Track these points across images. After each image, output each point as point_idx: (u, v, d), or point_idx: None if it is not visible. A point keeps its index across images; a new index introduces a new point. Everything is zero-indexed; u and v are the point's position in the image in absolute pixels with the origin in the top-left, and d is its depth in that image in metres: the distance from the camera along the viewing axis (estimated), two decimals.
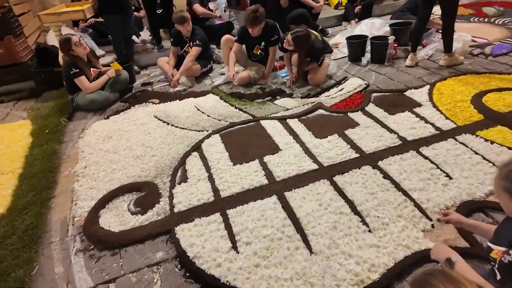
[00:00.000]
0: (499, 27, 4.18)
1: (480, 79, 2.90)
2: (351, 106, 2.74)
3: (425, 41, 3.69)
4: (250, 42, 3.33)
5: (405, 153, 2.11)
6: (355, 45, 3.56)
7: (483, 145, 2.11)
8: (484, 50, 3.44)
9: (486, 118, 2.38)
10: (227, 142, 2.45)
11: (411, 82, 3.04)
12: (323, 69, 3.26)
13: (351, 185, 1.92)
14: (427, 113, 2.50)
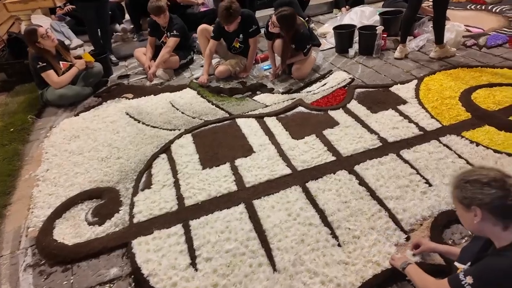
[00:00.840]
0: (496, 15, 3.97)
1: (471, 73, 2.74)
2: (332, 103, 2.58)
3: (417, 31, 3.50)
4: (227, 36, 3.13)
5: (385, 156, 1.98)
6: (343, 35, 3.37)
7: (468, 147, 1.98)
8: (478, 41, 3.25)
9: (474, 117, 2.23)
10: (199, 142, 2.31)
11: (398, 76, 2.87)
12: (309, 62, 3.08)
13: (324, 192, 1.80)
14: (412, 111, 2.35)
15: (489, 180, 0.93)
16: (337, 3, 4.61)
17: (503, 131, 2.07)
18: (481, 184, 0.94)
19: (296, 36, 2.86)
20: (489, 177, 0.94)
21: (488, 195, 0.93)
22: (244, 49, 3.24)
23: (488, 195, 0.93)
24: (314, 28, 4.12)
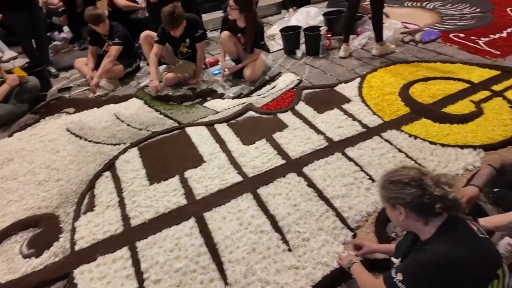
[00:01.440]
0: (430, 11, 4.25)
1: (409, 69, 2.91)
2: (281, 106, 2.61)
3: (360, 29, 3.64)
4: (173, 41, 3.04)
5: (331, 155, 2.03)
6: (289, 37, 3.42)
7: (407, 141, 2.09)
8: (414, 37, 3.46)
9: (412, 111, 2.37)
10: (146, 156, 2.22)
11: (343, 75, 2.97)
12: (260, 64, 3.09)
13: (275, 197, 1.80)
14: (355, 109, 2.44)
15: (409, 180, 0.98)
16: (285, 4, 4.68)
17: (438, 122, 2.22)
18: (403, 185, 0.99)
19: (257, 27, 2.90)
20: (409, 177, 0.99)
21: (409, 194, 0.98)
22: (192, 54, 3.16)
23: (409, 194, 0.98)
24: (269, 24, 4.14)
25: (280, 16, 4.74)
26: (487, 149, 1.96)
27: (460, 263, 0.91)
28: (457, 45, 3.23)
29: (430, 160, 1.92)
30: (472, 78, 2.64)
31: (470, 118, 2.21)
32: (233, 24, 2.98)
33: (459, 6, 4.21)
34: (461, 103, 2.37)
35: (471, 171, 1.83)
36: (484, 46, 3.16)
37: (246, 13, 2.83)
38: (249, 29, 2.90)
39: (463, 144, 2.00)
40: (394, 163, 1.93)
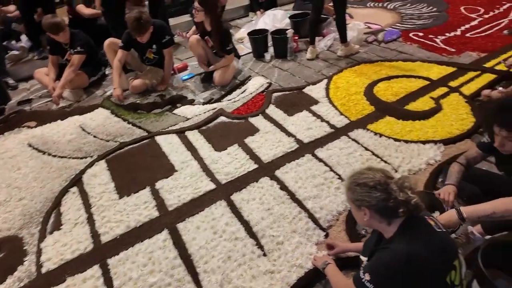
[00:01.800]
0: (391, 11, 4.44)
1: (373, 68, 3.02)
2: (252, 110, 2.62)
3: (325, 31, 3.74)
4: (139, 47, 2.97)
5: (301, 157, 2.07)
6: (257, 40, 3.45)
7: (373, 139, 2.17)
8: (377, 36, 3.60)
9: (377, 109, 2.46)
10: (114, 168, 2.16)
11: (311, 76, 3.04)
12: (230, 68, 3.09)
13: (249, 202, 1.81)
14: (323, 110, 2.50)
15: (375, 184, 1.02)
16: (252, 7, 4.71)
17: (401, 120, 2.32)
18: (369, 188, 1.03)
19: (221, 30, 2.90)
20: (375, 180, 1.03)
21: (374, 198, 1.02)
22: (159, 60, 3.11)
23: (374, 198, 1.02)
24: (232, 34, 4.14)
25: (248, 18, 4.76)
26: (447, 143, 2.08)
27: (421, 258, 0.97)
28: (416, 44, 3.40)
29: (395, 156, 2.01)
30: (431, 76, 2.79)
31: (430, 114, 2.33)
32: (202, 27, 2.97)
33: (418, 6, 4.42)
34: (421, 100, 2.50)
35: (432, 165, 1.93)
36: (441, 44, 3.34)
37: (211, 14, 2.82)
38: (215, 32, 2.90)
39: (425, 140, 2.11)
40: (361, 161, 2.00)
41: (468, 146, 2.03)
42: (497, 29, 3.53)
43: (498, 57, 2.96)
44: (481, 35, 3.43)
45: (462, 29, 3.61)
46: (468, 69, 2.81)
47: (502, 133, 1.24)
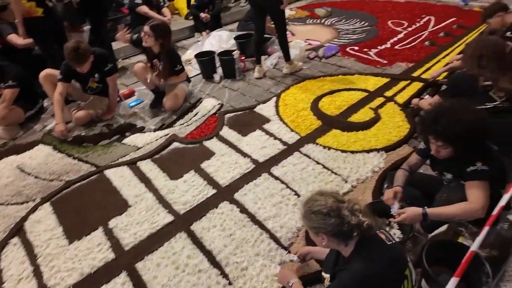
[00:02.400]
0: (328, 27, 4.77)
1: (317, 84, 3.21)
2: (206, 133, 2.63)
3: (270, 50, 3.89)
4: (80, 77, 2.83)
5: (258, 177, 2.12)
6: (204, 62, 3.48)
7: (322, 153, 2.30)
8: (318, 53, 3.84)
9: (323, 123, 2.61)
10: (61, 211, 2.00)
11: (260, 95, 3.14)
12: (181, 92, 3.07)
13: (210, 230, 1.80)
14: (275, 128, 2.59)
15: (328, 211, 1.09)
16: (197, 28, 4.75)
17: (346, 131, 2.49)
18: (323, 215, 1.09)
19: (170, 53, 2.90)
20: (328, 207, 1.09)
21: (330, 224, 1.09)
22: (103, 88, 2.98)
23: (330, 224, 1.09)
24: None
25: (194, 39, 4.79)
26: (388, 150, 2.27)
27: (376, 275, 1.05)
28: (353, 58, 3.69)
29: (344, 167, 2.14)
30: (368, 87, 3.04)
31: (371, 124, 2.53)
32: (150, 51, 2.92)
33: (351, 21, 4.82)
34: (362, 111, 2.71)
35: (377, 172, 2.10)
36: (375, 57, 3.67)
37: (162, 40, 2.80)
38: (164, 55, 2.87)
39: (369, 149, 2.28)
40: (314, 175, 2.10)
41: (406, 151, 2.25)
42: (419, 40, 3.97)
43: (423, 66, 3.34)
44: (407, 47, 3.84)
45: (391, 42, 4.01)
46: (399, 79, 3.12)
47: (438, 143, 1.39)
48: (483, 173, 1.32)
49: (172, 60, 2.93)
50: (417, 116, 2.56)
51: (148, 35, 2.76)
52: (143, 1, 4.07)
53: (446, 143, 1.35)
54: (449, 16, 4.59)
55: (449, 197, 1.43)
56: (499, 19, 2.91)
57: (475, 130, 1.31)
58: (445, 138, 1.34)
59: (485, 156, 1.35)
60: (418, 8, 5.01)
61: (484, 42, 2.01)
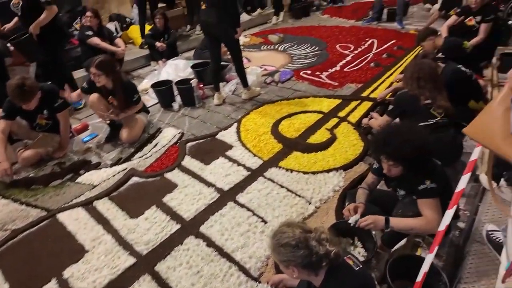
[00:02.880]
0: (282, 53, 4.99)
1: (275, 108, 3.31)
2: (167, 165, 2.56)
3: (228, 76, 3.97)
4: (27, 114, 2.64)
5: (224, 207, 2.09)
6: (162, 92, 3.44)
7: (285, 176, 2.34)
8: (274, 77, 3.98)
9: (284, 146, 2.68)
10: (8, 264, 1.81)
11: (221, 122, 3.15)
12: (139, 123, 2.98)
13: (175, 269, 1.72)
14: (238, 154, 2.60)
15: (296, 243, 1.11)
16: (153, 56, 4.71)
17: (306, 153, 2.57)
18: (291, 247, 1.11)
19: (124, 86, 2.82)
20: (295, 238, 1.11)
21: (299, 256, 1.10)
22: (54, 125, 2.80)
23: (299, 256, 1.10)
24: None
25: (151, 67, 4.74)
26: (346, 168, 2.37)
27: None
28: (307, 81, 3.88)
29: (307, 189, 2.19)
30: (323, 109, 3.20)
31: (328, 145, 2.64)
32: (103, 88, 2.82)
33: (302, 47, 5.09)
34: (319, 132, 2.83)
35: (338, 191, 2.18)
36: (326, 79, 3.89)
37: (113, 75, 2.73)
38: (118, 90, 2.79)
39: (328, 169, 2.37)
40: (279, 199, 2.12)
41: (363, 168, 2.37)
42: (365, 62, 4.29)
43: (371, 86, 3.60)
44: (355, 69, 4.12)
45: (340, 65, 4.28)
46: (350, 100, 3.32)
47: (389, 162, 1.49)
48: (433, 191, 1.44)
49: (128, 91, 2.86)
50: (369, 134, 2.74)
51: (98, 75, 2.69)
52: (94, 32, 3.97)
53: (396, 163, 1.46)
54: (390, 38, 5.05)
55: (403, 213, 1.53)
56: (431, 42, 3.27)
57: (421, 149, 1.43)
58: (396, 158, 1.45)
59: (432, 174, 1.47)
60: (362, 32, 5.45)
61: (419, 66, 2.23)
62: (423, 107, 2.16)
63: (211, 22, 3.06)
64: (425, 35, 3.30)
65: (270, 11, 6.82)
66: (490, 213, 1.83)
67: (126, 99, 2.84)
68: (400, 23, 5.59)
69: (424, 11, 6.55)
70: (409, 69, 2.29)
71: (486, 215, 1.82)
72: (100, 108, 2.90)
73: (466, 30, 3.63)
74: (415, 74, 2.19)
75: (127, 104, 2.87)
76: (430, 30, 3.38)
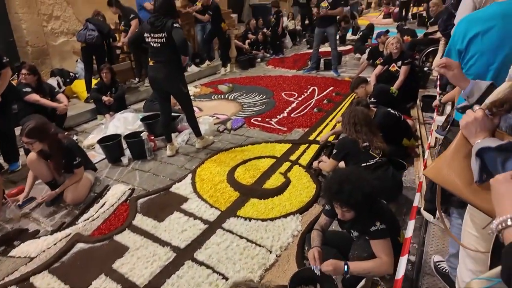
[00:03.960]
0: (232, 102, 5.19)
1: (229, 155, 3.35)
2: (116, 226, 2.38)
3: (180, 127, 3.98)
4: None
5: (181, 267, 1.97)
6: (109, 147, 3.30)
7: (244, 225, 2.31)
8: (226, 125, 4.09)
9: (241, 194, 2.68)
10: None
11: (175, 173, 3.09)
12: (83, 182, 2.77)
13: None
14: (194, 206, 2.54)
15: None
16: (99, 110, 4.57)
17: (263, 199, 2.60)
18: None
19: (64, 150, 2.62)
20: None
21: None
22: None
23: None
24: (80, 140, 3.86)
25: (97, 121, 4.56)
26: (302, 212, 2.43)
27: None
28: (258, 128, 4.04)
29: (266, 237, 2.18)
30: (275, 153, 3.32)
31: (283, 189, 2.72)
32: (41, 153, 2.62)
33: (251, 95, 5.36)
34: (274, 177, 2.90)
35: (297, 236, 2.20)
36: (276, 125, 4.09)
37: (47, 139, 2.57)
38: (55, 154, 2.62)
39: (285, 213, 2.41)
40: (239, 252, 2.07)
41: (318, 209, 2.46)
42: (309, 108, 4.64)
43: (316, 130, 3.87)
44: (301, 114, 4.42)
45: (287, 111, 4.57)
46: (299, 143, 3.52)
47: (343, 208, 1.58)
48: (384, 232, 1.54)
49: (68, 154, 2.67)
50: (319, 175, 2.88)
51: (31, 143, 2.52)
52: (32, 88, 3.77)
53: (349, 208, 1.56)
54: (328, 85, 5.57)
55: (359, 254, 1.59)
56: (363, 89, 3.70)
57: (370, 195, 1.55)
58: (348, 205, 1.55)
59: (381, 215, 1.59)
60: (303, 81, 5.95)
61: (354, 112, 2.49)
62: (363, 149, 2.38)
63: (159, 78, 3.12)
64: (357, 83, 3.74)
65: (218, 63, 7.19)
66: (434, 244, 1.99)
67: (66, 163, 2.67)
68: (336, 72, 6.25)
69: (355, 60, 7.45)
70: (345, 116, 2.54)
71: (431, 246, 1.98)
72: (40, 169, 2.67)
73: (391, 76, 4.21)
74: (351, 120, 2.44)
75: (67, 168, 2.69)
76: (360, 79, 3.85)
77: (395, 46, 4.10)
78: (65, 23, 5.55)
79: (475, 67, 1.45)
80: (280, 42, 8.47)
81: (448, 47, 1.56)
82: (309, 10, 9.10)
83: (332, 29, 5.96)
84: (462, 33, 1.45)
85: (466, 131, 0.96)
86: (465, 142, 0.98)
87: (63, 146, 2.65)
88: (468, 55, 1.45)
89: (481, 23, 1.40)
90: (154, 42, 3.00)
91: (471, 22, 1.44)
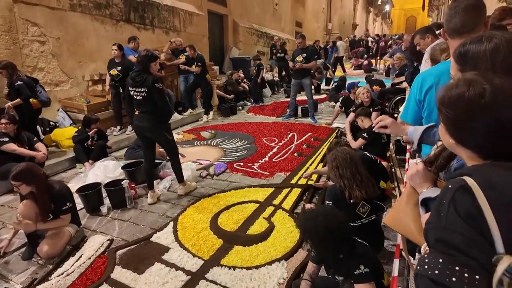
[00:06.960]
0: (215, 147, 5.27)
1: (212, 201, 3.33)
2: (93, 280, 2.25)
3: (162, 173, 3.96)
4: None
5: None
6: (88, 196, 3.22)
7: (229, 275, 2.25)
8: (208, 171, 4.11)
9: (225, 241, 2.63)
10: None
11: (156, 222, 3.01)
12: (63, 235, 2.65)
13: None
14: (176, 256, 2.45)
15: None
16: (78, 159, 4.50)
17: (247, 246, 2.56)
18: None
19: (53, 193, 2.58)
20: None
21: None
22: None
23: None
24: None
25: (76, 170, 4.46)
26: (287, 258, 2.40)
27: None
28: (241, 173, 4.09)
29: (252, 287, 2.12)
30: (258, 198, 3.34)
31: (267, 234, 2.69)
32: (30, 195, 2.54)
33: (233, 141, 5.49)
34: (258, 222, 2.89)
35: (283, 283, 2.15)
36: (258, 170, 4.16)
37: (34, 182, 2.51)
38: (42, 197, 2.53)
39: (270, 260, 2.37)
40: None
41: (303, 254, 2.43)
42: (290, 152, 4.78)
43: (298, 174, 3.95)
44: (282, 159, 4.54)
45: (269, 156, 4.68)
46: (282, 187, 3.57)
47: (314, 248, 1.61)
48: (368, 275, 1.56)
49: (56, 200, 2.60)
50: None
51: (18, 186, 2.48)
52: (10, 138, 3.72)
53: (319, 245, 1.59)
54: (307, 131, 5.82)
55: None
56: None
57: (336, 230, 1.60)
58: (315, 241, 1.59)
59: (365, 258, 1.62)
60: (283, 127, 6.19)
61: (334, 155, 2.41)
62: (350, 205, 2.24)
63: (144, 127, 3.19)
64: None
65: (200, 111, 7.40)
66: None
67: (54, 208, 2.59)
68: (313, 118, 6.59)
69: (330, 107, 7.91)
70: (328, 161, 2.47)
71: None
72: (32, 216, 2.55)
73: None
74: (333, 164, 2.35)
75: (54, 214, 2.60)
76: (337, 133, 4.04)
77: (366, 95, 4.45)
78: (49, 74, 5.65)
79: (434, 114, 1.62)
80: (260, 91, 8.92)
81: (409, 98, 1.75)
82: (286, 63, 9.87)
83: (307, 80, 6.43)
84: (419, 85, 1.65)
85: (412, 182, 1.05)
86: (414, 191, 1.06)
87: (54, 191, 2.58)
88: (426, 103, 1.63)
89: (433, 77, 1.61)
90: (136, 95, 3.13)
91: (426, 76, 1.65)
